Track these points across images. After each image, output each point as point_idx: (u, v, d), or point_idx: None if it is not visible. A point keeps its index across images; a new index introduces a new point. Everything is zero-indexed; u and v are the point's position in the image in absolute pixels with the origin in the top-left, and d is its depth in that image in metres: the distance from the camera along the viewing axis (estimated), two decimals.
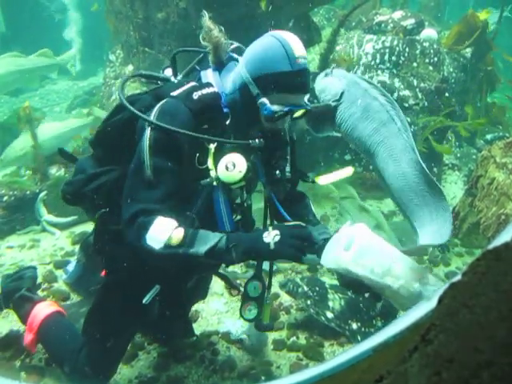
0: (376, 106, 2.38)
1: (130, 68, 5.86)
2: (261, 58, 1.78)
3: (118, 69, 6.32)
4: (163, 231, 1.66)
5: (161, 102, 1.84)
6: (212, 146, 1.82)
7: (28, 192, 4.38)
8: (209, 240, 1.68)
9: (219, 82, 1.93)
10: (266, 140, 1.84)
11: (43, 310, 2.48)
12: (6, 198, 4.26)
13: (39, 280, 3.42)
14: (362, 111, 2.41)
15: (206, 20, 1.87)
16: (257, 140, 1.82)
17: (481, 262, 0.64)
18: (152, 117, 1.77)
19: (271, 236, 1.67)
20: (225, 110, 1.89)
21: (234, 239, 1.70)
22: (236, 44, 2.05)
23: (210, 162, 1.81)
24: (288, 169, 2.03)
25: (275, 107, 1.78)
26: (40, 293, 3.27)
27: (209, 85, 1.89)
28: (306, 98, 1.87)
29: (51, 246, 4.02)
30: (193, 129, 1.77)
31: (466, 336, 0.53)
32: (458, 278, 0.64)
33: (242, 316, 1.96)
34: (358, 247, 1.57)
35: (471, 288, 0.60)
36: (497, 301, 0.56)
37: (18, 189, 4.39)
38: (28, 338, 2.44)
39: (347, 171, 2.31)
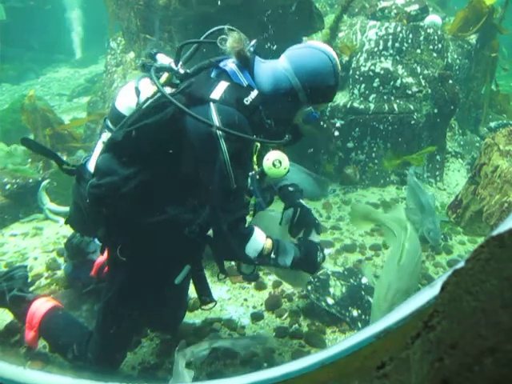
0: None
1: (131, 55, 5.81)
2: (313, 71, 1.98)
3: (119, 56, 6.27)
4: (259, 243, 2.01)
5: (213, 109, 1.88)
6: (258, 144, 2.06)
7: (31, 180, 4.39)
8: (289, 252, 2.10)
9: (252, 82, 2.02)
10: (293, 135, 2.09)
11: (41, 306, 2.50)
12: (8, 186, 4.27)
13: (42, 268, 3.45)
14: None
15: (230, 36, 1.96)
16: (287, 136, 2.06)
17: (484, 248, 0.63)
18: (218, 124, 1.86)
19: (321, 256, 2.22)
20: (260, 106, 1.99)
21: (303, 252, 2.15)
22: (254, 40, 2.09)
23: (254, 158, 2.06)
24: None
25: (318, 114, 2.07)
26: (44, 280, 3.29)
27: (251, 88, 1.99)
28: None
29: (54, 234, 4.04)
30: (251, 133, 1.94)
31: (469, 322, 0.53)
32: (462, 264, 0.64)
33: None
34: None
35: (475, 275, 0.60)
36: (500, 287, 0.55)
37: (21, 177, 4.40)
38: (29, 335, 2.46)
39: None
